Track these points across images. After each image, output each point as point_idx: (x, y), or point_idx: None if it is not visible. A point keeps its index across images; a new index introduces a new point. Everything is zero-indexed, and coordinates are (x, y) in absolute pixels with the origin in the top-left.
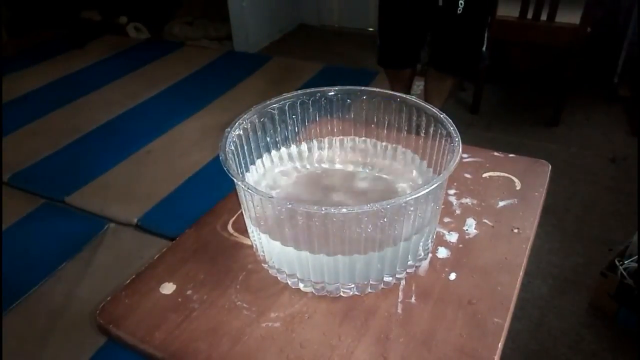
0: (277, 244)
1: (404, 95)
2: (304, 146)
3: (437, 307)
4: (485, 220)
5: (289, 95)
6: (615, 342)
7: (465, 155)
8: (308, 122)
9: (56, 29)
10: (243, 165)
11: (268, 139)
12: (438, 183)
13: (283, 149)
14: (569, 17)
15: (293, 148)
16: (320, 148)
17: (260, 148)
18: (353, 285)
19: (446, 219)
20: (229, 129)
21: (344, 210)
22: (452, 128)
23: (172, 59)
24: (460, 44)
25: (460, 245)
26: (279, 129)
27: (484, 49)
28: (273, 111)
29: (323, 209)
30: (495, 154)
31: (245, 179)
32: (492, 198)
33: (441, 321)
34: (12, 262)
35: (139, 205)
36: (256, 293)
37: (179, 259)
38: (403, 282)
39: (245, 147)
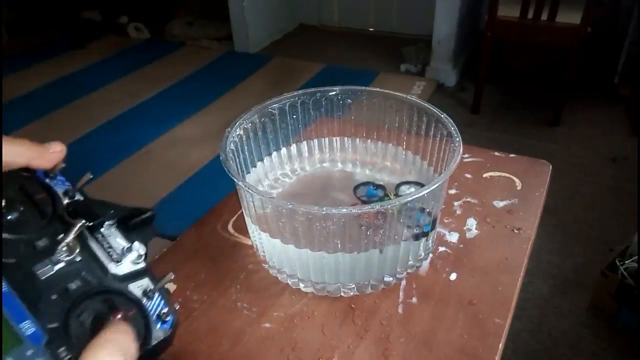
0: (278, 242)
1: (404, 95)
2: (304, 146)
3: (438, 307)
4: (486, 220)
5: (289, 95)
6: (616, 342)
7: (465, 155)
8: (308, 122)
9: (56, 29)
10: (243, 165)
11: (268, 139)
12: (439, 183)
13: (283, 149)
14: (569, 17)
15: (293, 148)
16: (320, 148)
17: (260, 148)
18: (353, 285)
19: (447, 219)
20: (229, 129)
21: (344, 210)
22: (453, 128)
23: (172, 59)
24: None
25: (461, 246)
26: (279, 129)
27: None
28: (273, 111)
29: (324, 209)
30: (496, 154)
31: (245, 179)
32: (492, 198)
33: (442, 321)
34: None
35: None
36: (256, 293)
37: (179, 259)
38: (404, 282)
39: (246, 147)
